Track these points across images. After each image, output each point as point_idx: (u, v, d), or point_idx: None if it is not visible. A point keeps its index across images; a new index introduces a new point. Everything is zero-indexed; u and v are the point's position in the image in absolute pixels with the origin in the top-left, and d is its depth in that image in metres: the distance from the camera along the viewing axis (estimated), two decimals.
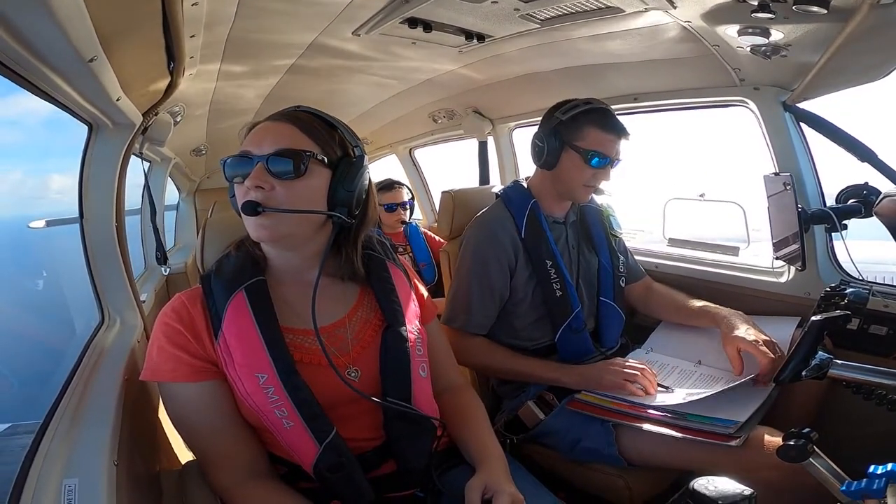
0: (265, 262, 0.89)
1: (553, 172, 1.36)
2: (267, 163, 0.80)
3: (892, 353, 1.25)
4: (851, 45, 1.05)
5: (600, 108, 1.32)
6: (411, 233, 2.53)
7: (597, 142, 1.29)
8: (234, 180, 0.84)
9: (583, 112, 1.31)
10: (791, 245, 1.39)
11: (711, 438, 1.02)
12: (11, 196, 6.16)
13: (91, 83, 0.92)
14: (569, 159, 1.32)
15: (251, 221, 0.81)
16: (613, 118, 1.32)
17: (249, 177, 0.80)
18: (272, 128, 0.84)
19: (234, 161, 0.83)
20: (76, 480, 0.64)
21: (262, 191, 0.79)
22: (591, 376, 1.23)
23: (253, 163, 0.80)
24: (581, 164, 1.30)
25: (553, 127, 1.33)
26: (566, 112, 1.32)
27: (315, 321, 0.80)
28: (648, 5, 1.21)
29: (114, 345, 1.12)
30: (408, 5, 1.28)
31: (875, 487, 0.62)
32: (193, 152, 2.65)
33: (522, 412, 1.30)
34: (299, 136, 0.82)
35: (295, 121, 0.84)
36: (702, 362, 1.28)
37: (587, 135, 1.29)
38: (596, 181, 1.33)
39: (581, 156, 1.30)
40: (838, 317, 0.89)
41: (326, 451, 0.78)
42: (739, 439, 1.00)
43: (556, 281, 1.32)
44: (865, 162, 1.34)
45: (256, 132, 0.84)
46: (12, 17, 0.65)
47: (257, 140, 0.82)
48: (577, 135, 1.30)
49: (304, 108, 0.88)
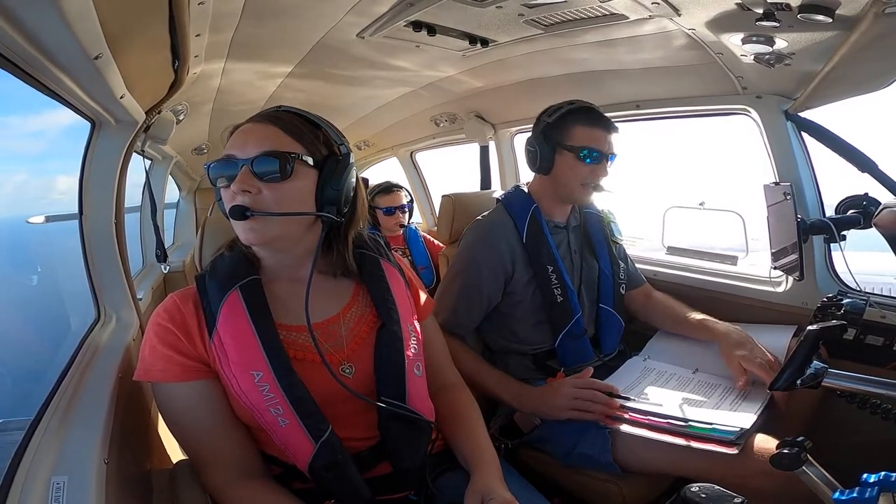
0: (258, 262, 0.89)
1: (550, 176, 1.36)
2: (252, 165, 0.79)
3: (887, 363, 1.25)
4: (855, 55, 1.05)
5: (584, 106, 1.34)
6: (410, 236, 2.53)
7: (585, 138, 1.30)
8: (218, 184, 0.83)
9: (568, 112, 1.33)
10: (790, 255, 1.39)
11: (712, 445, 1.01)
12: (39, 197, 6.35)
13: (95, 80, 0.92)
14: (563, 160, 1.33)
15: (240, 226, 0.81)
16: (598, 114, 1.33)
17: (235, 181, 0.79)
18: (255, 129, 0.83)
19: (219, 165, 0.82)
20: (65, 478, 0.63)
21: (248, 194, 0.79)
22: (545, 407, 1.21)
23: (238, 166, 0.80)
24: (575, 163, 1.31)
25: (542, 131, 1.34)
26: (552, 115, 1.34)
27: (308, 318, 0.80)
28: (653, 13, 1.22)
29: (109, 342, 1.11)
30: (412, 8, 1.29)
31: (867, 496, 0.61)
32: (195, 151, 2.66)
33: (518, 417, 1.30)
34: (283, 138, 0.82)
35: (277, 122, 0.83)
36: (699, 370, 1.28)
37: (575, 133, 1.31)
38: (593, 178, 1.32)
39: (574, 154, 1.31)
40: (834, 327, 0.89)
41: (322, 449, 0.78)
42: (739, 447, 0.99)
43: (557, 286, 1.32)
44: (866, 172, 1.34)
45: (239, 134, 0.84)
46: (21, 13, 0.65)
47: (240, 143, 0.82)
48: (565, 135, 1.32)
49: (287, 108, 0.87)
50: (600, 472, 1.17)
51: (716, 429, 1.03)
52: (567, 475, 1.23)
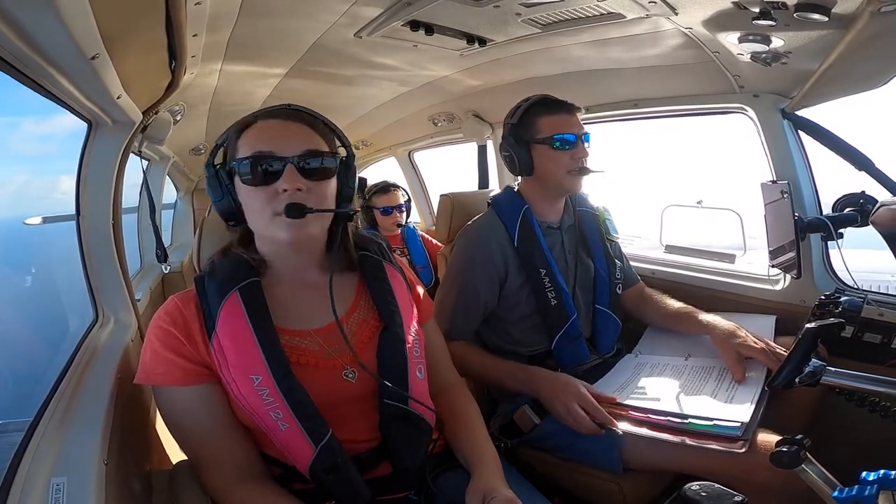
0: (264, 264, 0.88)
1: (535, 176, 1.36)
2: (300, 163, 0.80)
3: (885, 360, 1.26)
4: (852, 53, 1.06)
5: (540, 98, 1.35)
6: (408, 235, 2.53)
7: (553, 126, 1.31)
8: (251, 181, 0.81)
9: (528, 108, 1.34)
10: (787, 253, 1.40)
11: (717, 444, 1.00)
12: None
13: (92, 81, 0.92)
14: (539, 155, 1.33)
15: (292, 224, 0.80)
16: (556, 100, 1.35)
17: (285, 178, 0.79)
18: (291, 127, 0.83)
19: (257, 161, 0.81)
20: (64, 479, 0.64)
21: (299, 193, 0.80)
22: (548, 387, 1.19)
23: (283, 164, 0.80)
24: (552, 153, 1.31)
25: (510, 133, 1.36)
26: (514, 115, 1.36)
27: (335, 311, 0.83)
28: (650, 12, 1.22)
29: (107, 343, 1.11)
30: (410, 8, 1.29)
31: (867, 494, 0.62)
32: (192, 151, 2.65)
33: (518, 416, 1.30)
34: (315, 137, 0.84)
35: (306, 120, 0.85)
36: (691, 355, 1.28)
37: (541, 124, 1.32)
38: (575, 163, 1.32)
39: (548, 146, 1.31)
40: (832, 324, 0.90)
41: (322, 452, 0.78)
42: (745, 443, 0.98)
43: (551, 289, 1.32)
44: (863, 171, 1.35)
45: (270, 131, 0.83)
46: (17, 14, 0.65)
47: (279, 140, 0.81)
48: (533, 130, 1.33)
49: (299, 108, 0.88)
50: (601, 470, 1.17)
51: (717, 425, 1.02)
52: (567, 474, 1.23)
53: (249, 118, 0.86)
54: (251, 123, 0.85)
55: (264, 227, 0.84)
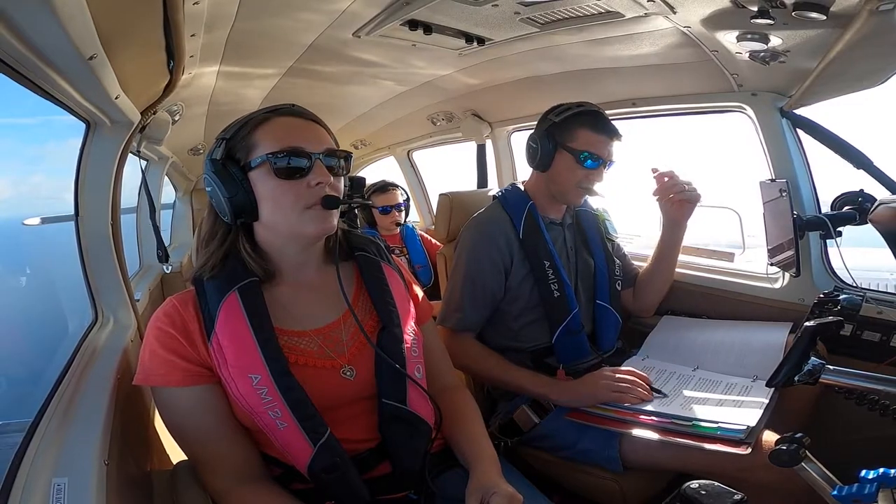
0: (270, 263, 0.88)
1: (547, 174, 1.37)
2: (326, 160, 0.84)
3: (884, 359, 1.26)
4: (850, 52, 1.06)
5: (592, 111, 1.34)
6: (407, 235, 2.53)
7: (588, 143, 1.31)
8: (283, 175, 0.82)
9: (575, 114, 1.33)
10: (786, 251, 1.40)
11: (721, 445, 1.00)
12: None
13: (90, 81, 0.91)
14: (562, 160, 1.34)
15: (326, 215, 0.84)
16: (605, 120, 1.34)
17: (315, 172, 0.82)
18: (310, 126, 0.87)
19: (289, 156, 0.82)
20: (65, 480, 0.64)
21: (328, 186, 0.83)
22: (584, 393, 1.19)
23: (312, 158, 0.83)
24: (573, 165, 1.32)
25: (546, 129, 1.35)
26: (559, 114, 1.35)
27: (348, 300, 0.87)
28: (649, 11, 1.22)
29: (107, 344, 1.11)
30: (408, 7, 1.28)
31: (866, 492, 0.62)
32: (191, 151, 2.65)
33: (517, 415, 1.30)
34: (328, 137, 0.88)
35: (316, 121, 0.89)
36: (699, 367, 1.28)
37: (579, 136, 1.31)
38: (589, 182, 1.34)
39: (574, 157, 1.31)
40: (831, 322, 0.90)
41: (321, 451, 0.78)
42: (749, 446, 0.98)
43: (554, 281, 1.32)
44: (861, 169, 1.35)
45: (299, 128, 0.85)
46: (13, 14, 0.64)
47: (305, 137, 0.84)
48: (569, 136, 1.32)
49: (301, 109, 0.89)
50: (600, 468, 1.17)
51: (722, 427, 1.02)
52: (566, 473, 1.23)
53: (259, 115, 0.86)
54: (266, 120, 0.85)
55: (294, 221, 0.83)
